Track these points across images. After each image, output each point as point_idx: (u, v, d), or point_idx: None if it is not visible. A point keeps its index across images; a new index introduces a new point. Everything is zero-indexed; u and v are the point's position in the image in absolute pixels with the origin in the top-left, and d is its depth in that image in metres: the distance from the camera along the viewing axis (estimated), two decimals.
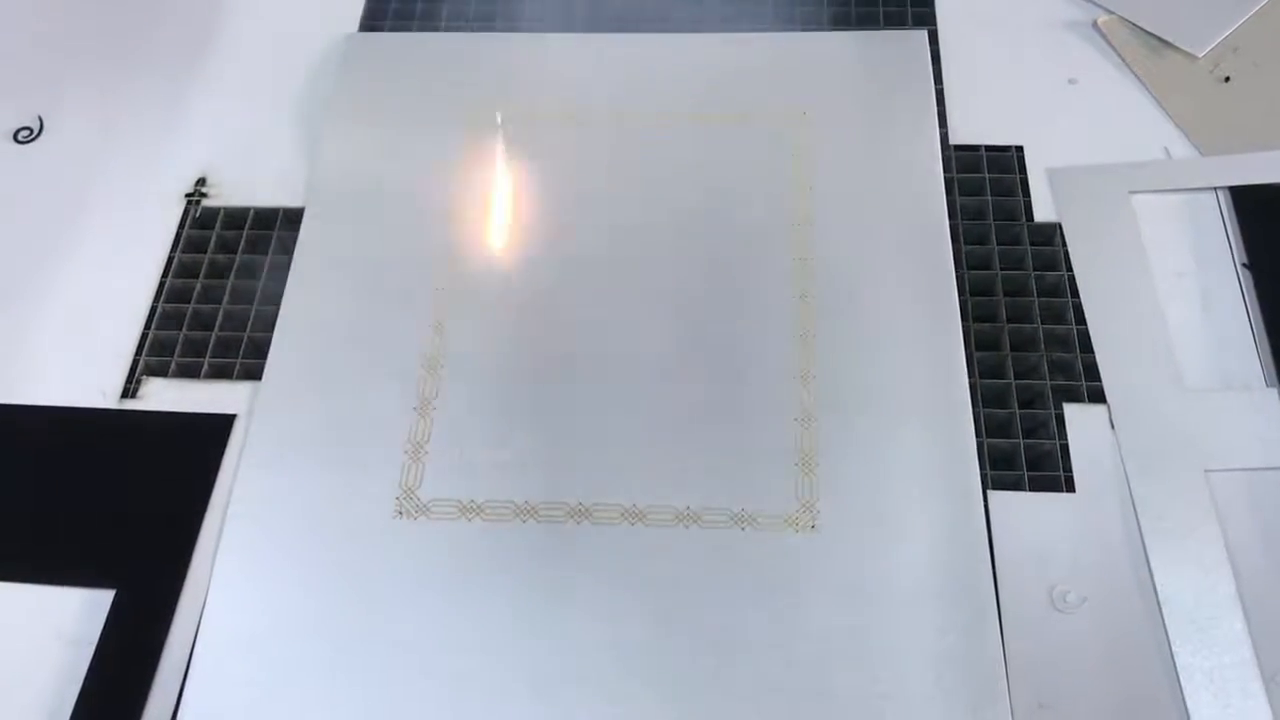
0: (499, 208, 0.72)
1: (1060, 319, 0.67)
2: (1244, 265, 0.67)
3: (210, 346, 0.68)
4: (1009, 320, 0.67)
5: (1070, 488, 0.61)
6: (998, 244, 0.69)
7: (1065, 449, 0.62)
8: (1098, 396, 0.64)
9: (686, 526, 0.60)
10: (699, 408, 0.63)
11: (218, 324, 0.69)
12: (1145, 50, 0.77)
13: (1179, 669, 0.55)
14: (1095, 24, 0.79)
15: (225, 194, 0.74)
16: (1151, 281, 0.67)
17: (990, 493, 0.61)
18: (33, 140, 0.77)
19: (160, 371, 0.67)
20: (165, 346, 0.68)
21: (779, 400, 0.63)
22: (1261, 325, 0.65)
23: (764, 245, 0.69)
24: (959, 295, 0.66)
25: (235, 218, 0.73)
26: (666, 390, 0.64)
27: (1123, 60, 0.77)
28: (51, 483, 0.63)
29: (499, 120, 0.75)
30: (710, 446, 0.62)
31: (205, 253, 0.71)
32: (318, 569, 0.60)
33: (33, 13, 0.84)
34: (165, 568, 0.60)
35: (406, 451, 0.63)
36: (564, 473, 0.62)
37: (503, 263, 0.69)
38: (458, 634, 0.57)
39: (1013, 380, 0.65)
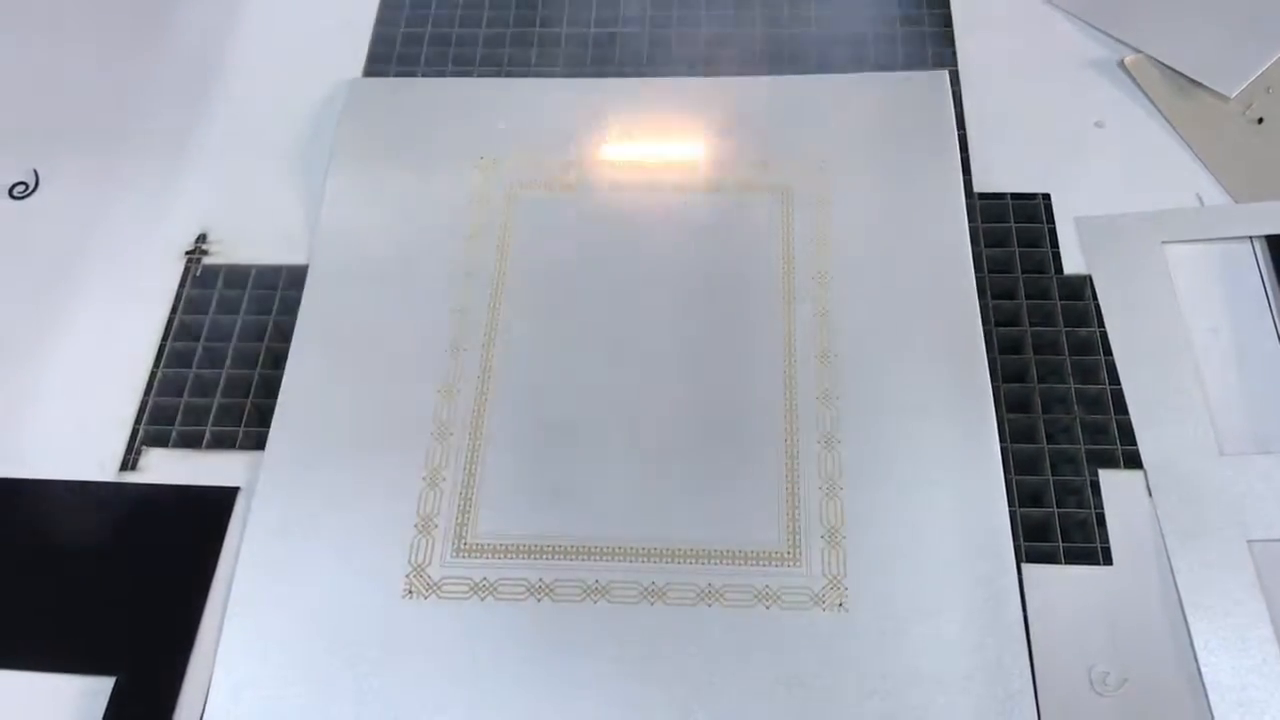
0: (508, 263, 0.69)
1: (1093, 378, 0.64)
2: None
3: (212, 414, 0.65)
4: (1039, 380, 0.64)
5: (1107, 560, 0.59)
6: (1026, 298, 0.67)
7: (1101, 518, 0.60)
8: (1134, 461, 0.61)
9: (709, 605, 0.58)
10: (716, 477, 0.61)
11: (219, 390, 0.66)
12: (1174, 91, 0.75)
13: None
14: (1122, 63, 0.76)
15: (227, 251, 0.72)
16: (1187, 338, 0.65)
17: (1024, 565, 0.58)
18: (28, 195, 0.75)
19: (161, 441, 0.65)
20: (166, 414, 0.66)
21: (802, 468, 0.61)
22: None
23: (780, 301, 0.67)
24: (987, 353, 0.64)
25: (237, 276, 0.70)
26: (682, 459, 0.62)
27: (1151, 101, 0.74)
28: (47, 562, 0.61)
29: (508, 167, 0.73)
30: (731, 519, 0.60)
31: (206, 314, 0.69)
32: (326, 652, 0.57)
33: (28, 64, 0.81)
34: (167, 653, 0.58)
35: (416, 526, 0.61)
36: (579, 547, 0.60)
37: (515, 321, 0.67)
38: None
39: (1045, 444, 0.62)
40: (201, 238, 0.72)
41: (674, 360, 0.65)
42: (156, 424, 0.65)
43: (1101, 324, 0.66)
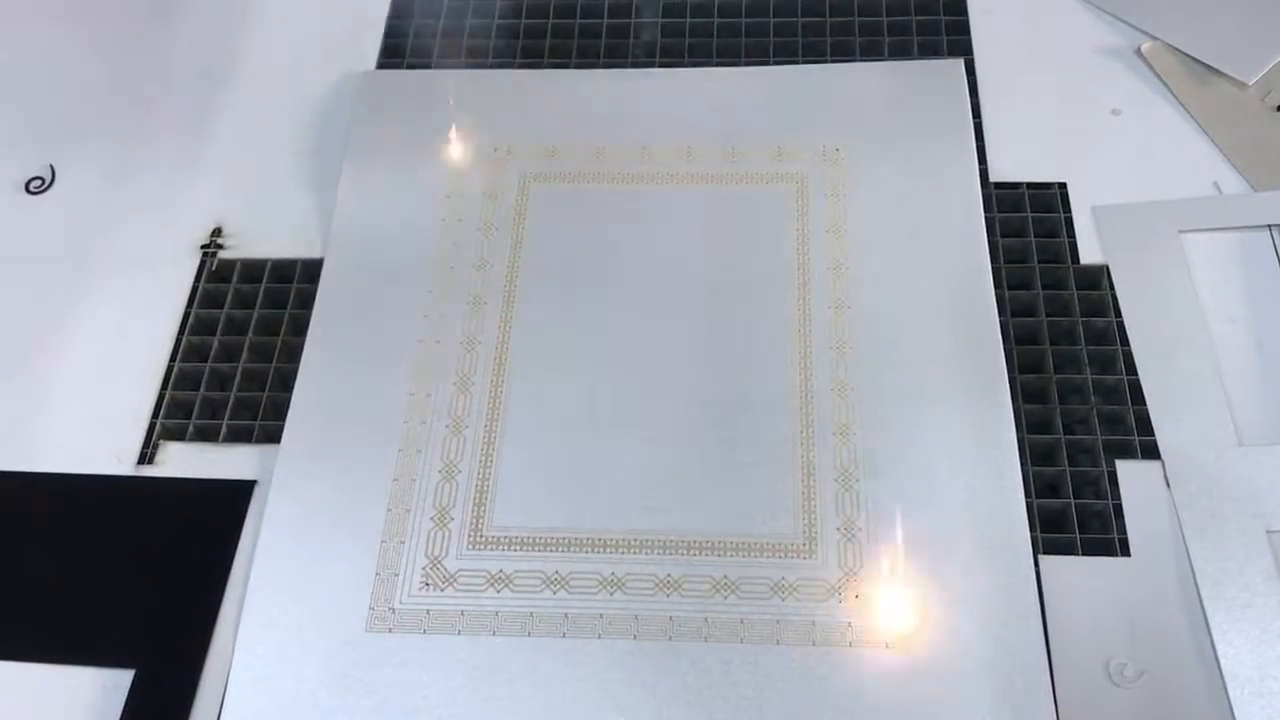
0: (522, 255, 0.69)
1: (1110, 368, 0.64)
2: None
3: (229, 408, 0.66)
4: (1056, 370, 0.64)
5: (1125, 551, 0.58)
6: (1042, 288, 0.67)
7: (1119, 509, 0.60)
8: (1151, 452, 0.61)
9: (725, 596, 0.58)
10: (732, 469, 0.61)
11: (236, 384, 0.66)
12: (1191, 78, 0.74)
13: None
14: (1139, 51, 0.76)
15: (242, 245, 0.72)
16: (1205, 327, 0.64)
17: (1041, 557, 0.58)
18: (44, 190, 0.75)
19: (177, 435, 0.65)
20: (182, 408, 0.66)
21: (818, 460, 0.61)
22: None
23: (795, 291, 0.67)
24: (1003, 344, 0.64)
25: (253, 270, 0.71)
26: (698, 451, 0.62)
27: (1168, 89, 0.74)
28: (66, 555, 0.61)
29: (522, 160, 0.73)
30: (747, 511, 0.60)
31: (222, 308, 0.69)
32: (344, 644, 0.57)
33: (43, 60, 0.82)
34: (186, 645, 0.58)
35: (432, 518, 0.61)
36: (595, 540, 0.60)
37: (530, 314, 0.67)
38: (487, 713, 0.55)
39: (1062, 435, 0.62)
40: (217, 232, 0.72)
41: (689, 352, 0.65)
42: (173, 418, 0.66)
43: (1118, 314, 0.65)
